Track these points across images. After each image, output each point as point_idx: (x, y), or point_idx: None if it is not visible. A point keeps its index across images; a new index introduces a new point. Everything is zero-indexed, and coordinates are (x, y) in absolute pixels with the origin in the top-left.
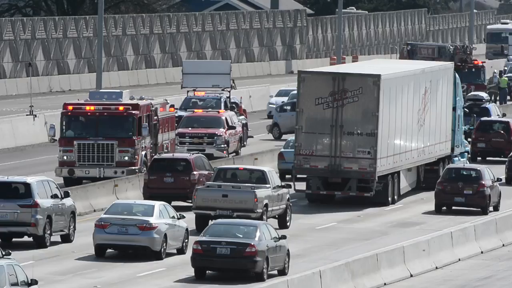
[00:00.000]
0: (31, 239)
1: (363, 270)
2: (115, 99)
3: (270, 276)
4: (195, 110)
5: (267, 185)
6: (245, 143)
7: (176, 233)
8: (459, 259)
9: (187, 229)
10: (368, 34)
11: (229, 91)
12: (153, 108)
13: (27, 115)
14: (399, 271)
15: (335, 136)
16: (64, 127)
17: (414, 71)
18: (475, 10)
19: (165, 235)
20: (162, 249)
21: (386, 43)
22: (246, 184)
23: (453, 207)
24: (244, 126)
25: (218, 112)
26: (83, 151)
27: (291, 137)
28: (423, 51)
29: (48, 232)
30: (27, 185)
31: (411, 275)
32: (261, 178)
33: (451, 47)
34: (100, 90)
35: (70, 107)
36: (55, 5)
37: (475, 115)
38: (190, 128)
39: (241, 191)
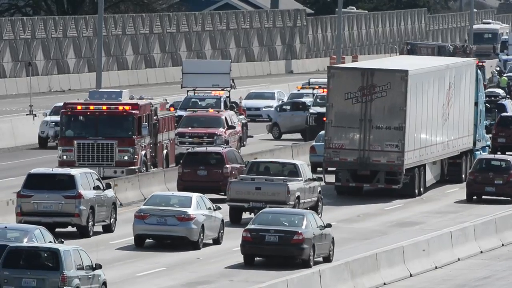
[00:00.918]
0: (74, 229)
1: (362, 269)
2: (114, 98)
3: (316, 263)
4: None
5: (299, 178)
6: (244, 142)
7: (212, 223)
8: (459, 259)
9: (222, 220)
10: (368, 34)
11: (229, 91)
12: (153, 108)
13: (27, 114)
14: (399, 271)
15: (363, 130)
16: (64, 127)
17: (439, 66)
18: (475, 10)
19: (203, 225)
20: (200, 239)
21: (386, 43)
22: (279, 177)
23: (483, 197)
24: (244, 125)
25: (218, 111)
26: (83, 151)
27: (322, 132)
28: (423, 50)
29: (91, 222)
30: (71, 177)
31: (411, 275)
32: (293, 171)
33: (451, 46)
34: (100, 90)
35: (70, 107)
36: (55, 4)
37: (496, 110)
38: (190, 128)
39: (274, 184)
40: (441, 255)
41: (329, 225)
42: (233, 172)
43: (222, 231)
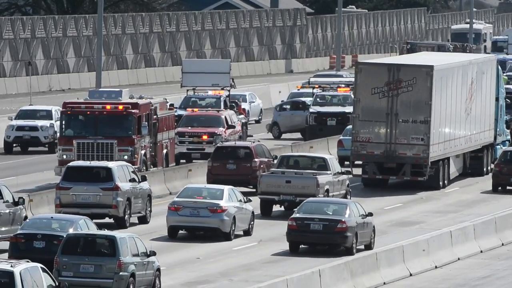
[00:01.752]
0: (111, 220)
1: (362, 269)
2: (114, 98)
3: (358, 251)
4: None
5: (328, 172)
6: None
7: (243, 215)
8: (459, 258)
9: (253, 212)
10: (368, 33)
11: (229, 90)
12: (153, 107)
13: None
14: (399, 270)
15: (390, 124)
16: (63, 126)
17: (462, 62)
18: (474, 9)
19: (234, 217)
20: (231, 231)
21: (386, 42)
22: (308, 171)
23: (508, 187)
24: (244, 125)
25: (218, 111)
26: (83, 150)
27: (349, 126)
28: (423, 50)
29: (128, 213)
30: (108, 170)
31: (411, 274)
32: (322, 165)
33: (451, 46)
34: (100, 89)
35: (70, 106)
36: (55, 4)
37: None
38: (189, 127)
39: (304, 177)
40: (441, 254)
41: (370, 214)
42: (261, 166)
43: (252, 222)
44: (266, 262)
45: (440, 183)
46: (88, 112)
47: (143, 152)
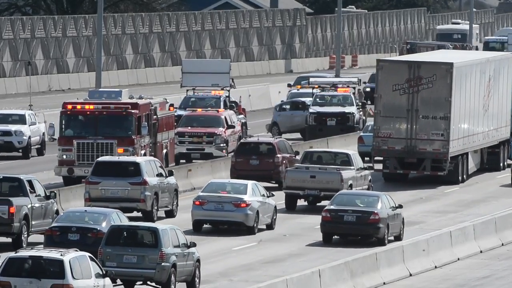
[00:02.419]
0: (139, 214)
1: (362, 269)
2: (114, 98)
3: (389, 242)
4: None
5: (351, 167)
6: None
7: (266, 210)
8: (458, 259)
9: (275, 207)
10: (368, 33)
11: (229, 90)
12: (152, 107)
13: None
14: (399, 270)
15: (410, 120)
16: (63, 126)
17: (480, 59)
18: (474, 9)
19: (257, 211)
20: (255, 225)
21: (386, 42)
22: (332, 166)
23: None
24: (243, 125)
25: (217, 111)
26: (83, 150)
27: (369, 122)
28: (423, 50)
29: (155, 207)
30: (136, 164)
31: (411, 274)
32: (345, 160)
33: (450, 46)
34: (100, 89)
35: (70, 106)
36: (55, 4)
37: None
38: (189, 127)
39: (328, 173)
40: (441, 254)
41: (400, 206)
42: (284, 162)
43: (275, 217)
44: (266, 262)
45: (459, 177)
46: (88, 112)
47: (143, 152)
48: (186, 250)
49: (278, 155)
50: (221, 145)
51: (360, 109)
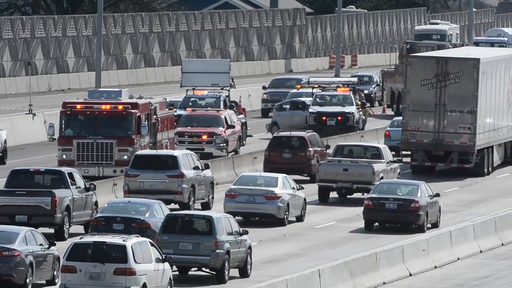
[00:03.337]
0: (177, 205)
1: (362, 269)
2: (114, 98)
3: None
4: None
5: (382, 160)
6: (244, 142)
7: (296, 202)
8: (458, 258)
9: (305, 199)
10: (368, 33)
11: (229, 90)
12: (152, 107)
13: (26, 114)
14: (398, 270)
15: (438, 114)
16: (63, 126)
17: (505, 56)
18: (474, 9)
19: (288, 204)
20: (285, 217)
21: (386, 42)
22: (364, 159)
23: None
24: (243, 125)
25: (217, 111)
26: (82, 150)
27: (395, 117)
28: (423, 49)
29: (192, 199)
30: (174, 158)
31: (410, 274)
32: (376, 153)
33: (450, 46)
34: (99, 89)
35: (69, 106)
36: (54, 3)
37: None
38: (189, 127)
39: (360, 166)
40: (441, 254)
41: (437, 195)
42: (315, 155)
43: (304, 209)
44: (266, 262)
45: (485, 170)
46: (87, 112)
47: None
48: (239, 238)
49: (310, 149)
50: (221, 145)
51: (360, 109)
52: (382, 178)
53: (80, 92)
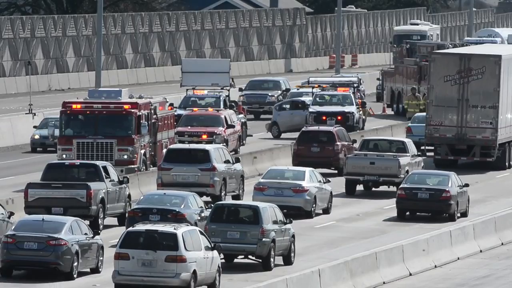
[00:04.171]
0: (209, 198)
1: (362, 269)
2: (114, 97)
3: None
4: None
5: (407, 154)
6: (244, 141)
7: (323, 195)
8: (458, 258)
9: (331, 192)
10: (367, 33)
11: (228, 90)
12: (152, 107)
13: (26, 113)
14: (398, 270)
15: (461, 109)
16: (63, 126)
17: None
18: (474, 9)
19: (315, 197)
20: (312, 209)
21: (386, 42)
22: (390, 153)
23: None
24: (243, 124)
25: (217, 111)
26: (82, 150)
27: (417, 113)
28: (422, 49)
29: (224, 192)
30: (206, 152)
31: (410, 274)
32: (401, 147)
33: (450, 45)
34: (99, 89)
35: (69, 106)
36: (54, 3)
37: None
38: (189, 127)
39: (386, 159)
40: (441, 254)
41: (466, 185)
42: (343, 149)
43: (330, 202)
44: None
45: (507, 163)
46: (87, 112)
47: (142, 151)
48: (283, 227)
49: (338, 143)
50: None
51: (360, 108)
52: (407, 171)
53: (80, 92)
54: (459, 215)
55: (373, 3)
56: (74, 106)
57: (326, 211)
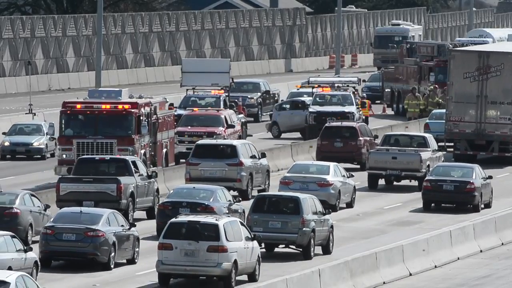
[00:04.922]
0: (235, 193)
1: (362, 269)
2: (114, 97)
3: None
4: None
5: (428, 149)
6: None
7: (346, 189)
8: (458, 258)
9: (354, 187)
10: (368, 33)
11: (228, 90)
12: (152, 107)
13: (26, 113)
14: (398, 270)
15: (480, 105)
16: (63, 126)
17: None
18: (474, 9)
19: (339, 191)
20: (337, 203)
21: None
22: (411, 148)
23: None
24: (243, 124)
25: (217, 110)
26: (82, 150)
27: (434, 110)
28: (422, 49)
29: (250, 186)
30: (233, 147)
31: (410, 274)
32: (422, 142)
33: (450, 45)
34: (99, 89)
35: (69, 106)
36: (54, 3)
37: None
38: (189, 127)
39: (408, 154)
40: (441, 254)
41: (490, 177)
42: (365, 144)
43: (354, 196)
44: (266, 261)
45: None
46: (87, 112)
47: (142, 151)
48: (322, 217)
49: (360, 138)
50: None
51: (360, 108)
52: (428, 166)
53: (80, 92)
54: (482, 206)
55: (373, 3)
56: (74, 106)
57: (350, 205)
